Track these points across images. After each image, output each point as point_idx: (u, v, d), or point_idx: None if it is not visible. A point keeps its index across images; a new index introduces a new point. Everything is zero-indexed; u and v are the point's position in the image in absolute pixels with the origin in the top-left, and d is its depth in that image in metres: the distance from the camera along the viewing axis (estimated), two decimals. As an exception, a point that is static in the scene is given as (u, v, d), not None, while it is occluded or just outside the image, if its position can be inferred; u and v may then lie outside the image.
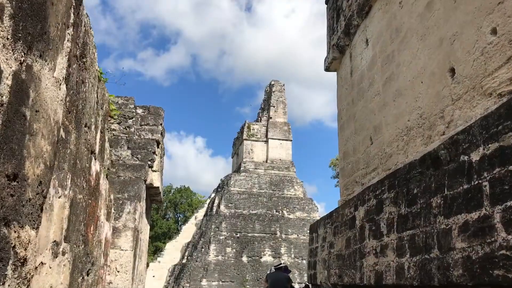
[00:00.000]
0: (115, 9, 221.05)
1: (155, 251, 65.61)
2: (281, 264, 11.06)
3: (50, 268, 3.26)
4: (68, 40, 2.67)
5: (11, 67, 1.79)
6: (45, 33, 2.14)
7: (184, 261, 48.09)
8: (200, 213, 54.28)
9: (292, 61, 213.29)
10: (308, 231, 10.22)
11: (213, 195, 55.49)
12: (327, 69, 11.66)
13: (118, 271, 6.45)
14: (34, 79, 2.04)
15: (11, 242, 1.87)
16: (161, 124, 8.84)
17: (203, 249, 46.01)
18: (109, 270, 6.39)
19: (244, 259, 45.92)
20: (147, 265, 52.92)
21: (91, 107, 4.26)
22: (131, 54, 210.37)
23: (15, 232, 1.90)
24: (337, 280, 8.08)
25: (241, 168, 53.59)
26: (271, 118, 55.12)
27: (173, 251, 51.46)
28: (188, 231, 52.95)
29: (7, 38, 1.75)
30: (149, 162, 8.37)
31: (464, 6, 5.32)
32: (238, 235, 47.33)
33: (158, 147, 8.76)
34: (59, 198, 3.30)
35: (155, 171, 8.62)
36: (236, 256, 45.82)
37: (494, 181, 3.60)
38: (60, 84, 2.50)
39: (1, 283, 1.82)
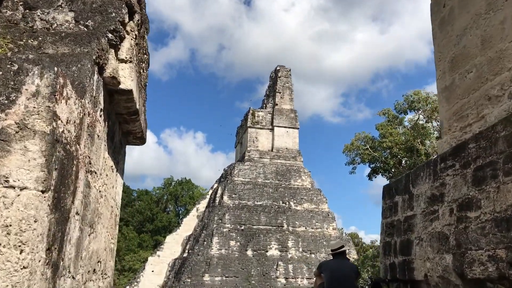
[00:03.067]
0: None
1: (155, 245, 61.33)
2: (342, 247, 6.76)
3: None
4: None
5: None
6: None
7: (185, 255, 43.76)
8: (202, 205, 49.91)
9: (291, 55, 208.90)
10: (382, 197, 5.62)
11: (215, 185, 51.11)
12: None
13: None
14: None
15: None
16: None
17: (205, 242, 41.68)
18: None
19: (249, 253, 41.60)
20: (146, 260, 48.99)
21: None
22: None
23: None
24: (495, 270, 3.76)
25: (245, 157, 49.23)
26: (276, 104, 50.72)
27: (173, 245, 47.10)
28: (189, 224, 48.59)
29: None
30: (109, 35, 4.03)
31: None
32: (242, 228, 43.00)
33: (131, 19, 4.42)
34: None
35: (125, 61, 4.25)
36: (241, 250, 41.50)
37: None
38: None
39: None
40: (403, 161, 32.88)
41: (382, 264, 6.45)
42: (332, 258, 6.76)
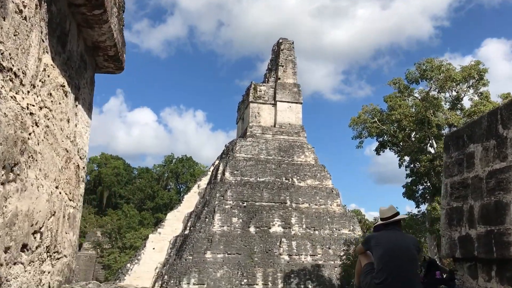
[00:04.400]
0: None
1: (156, 222, 60.16)
2: (397, 214, 5.03)
3: None
4: None
5: None
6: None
7: (186, 232, 42.41)
8: (203, 181, 48.34)
9: (291, 32, 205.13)
10: (444, 149, 3.68)
11: (217, 162, 49.46)
12: None
13: None
14: None
15: None
16: None
17: (207, 219, 40.26)
18: None
19: (252, 229, 40.22)
20: (147, 237, 47.61)
21: None
22: (126, 25, 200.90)
23: None
24: None
25: (247, 133, 47.43)
26: (279, 78, 48.65)
27: (174, 222, 45.71)
28: (190, 201, 47.10)
29: None
30: None
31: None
32: (244, 204, 41.52)
33: None
34: None
35: None
36: (243, 227, 40.11)
37: None
38: None
39: None
40: (413, 134, 31.15)
41: (446, 237, 4.74)
42: (381, 229, 5.05)
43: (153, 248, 43.76)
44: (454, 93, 29.28)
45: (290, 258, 39.21)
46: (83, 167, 3.64)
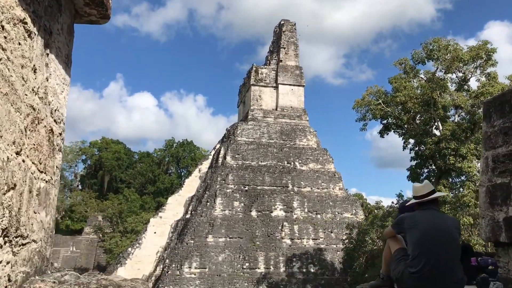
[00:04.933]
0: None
1: (157, 207, 59.81)
2: (434, 191, 4.28)
3: None
4: None
5: None
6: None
7: (187, 216, 41.98)
8: (204, 165, 47.74)
9: (292, 15, 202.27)
10: (483, 118, 2.88)
11: (218, 146, 48.81)
12: None
13: None
14: None
15: None
16: None
17: (208, 203, 39.78)
18: None
19: (253, 213, 39.76)
20: (148, 221, 47.22)
21: None
22: (125, 8, 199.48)
23: None
24: None
25: (249, 117, 46.66)
26: (281, 61, 47.66)
27: (175, 206, 45.24)
28: (191, 185, 46.57)
29: None
30: None
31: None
32: (246, 188, 40.99)
33: None
34: None
35: None
36: (245, 211, 39.64)
37: None
38: None
39: None
40: (418, 116, 30.40)
41: (488, 219, 4.07)
42: (420, 209, 4.27)
43: (154, 232, 43.39)
44: (461, 74, 28.45)
45: (292, 242, 38.82)
46: (60, 134, 2.95)
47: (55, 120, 2.84)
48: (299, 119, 47.10)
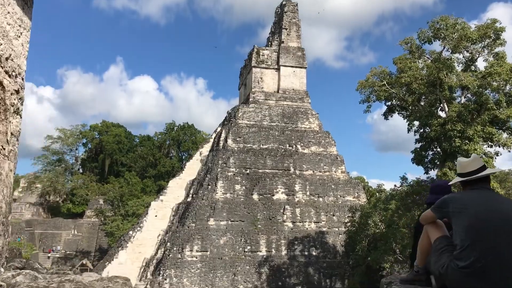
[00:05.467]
0: None
1: (158, 190, 59.49)
2: (484, 167, 3.56)
3: None
4: None
5: None
6: None
7: (189, 199, 41.59)
8: (206, 149, 47.19)
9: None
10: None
11: (219, 129, 48.18)
12: None
13: None
14: None
15: None
16: None
17: (209, 187, 39.33)
18: None
19: (255, 197, 39.35)
20: (149, 205, 46.89)
21: None
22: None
23: None
24: None
25: (250, 99, 45.92)
26: (283, 42, 46.67)
27: (176, 189, 44.82)
28: (192, 168, 46.08)
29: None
30: None
31: None
32: (247, 172, 40.49)
33: None
34: None
35: None
36: (246, 194, 39.23)
37: None
38: None
39: None
40: (422, 98, 29.63)
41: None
42: (471, 188, 3.60)
43: (156, 216, 43.06)
44: (468, 54, 27.58)
45: (293, 225, 38.48)
46: (16, 92, 2.29)
47: (7, 72, 2.18)
48: (301, 102, 46.35)
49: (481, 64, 27.79)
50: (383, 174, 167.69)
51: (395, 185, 34.75)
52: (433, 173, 28.01)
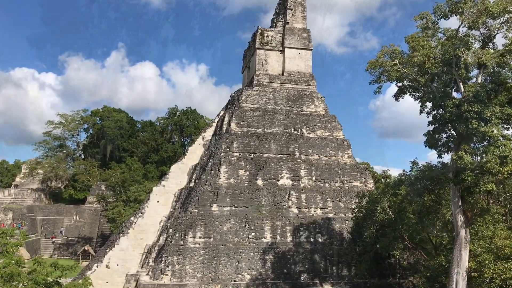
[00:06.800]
0: None
1: (160, 175, 58.32)
2: None
3: None
4: None
5: None
6: None
7: (191, 184, 40.33)
8: (208, 133, 45.82)
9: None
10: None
11: (222, 112, 46.73)
12: None
13: None
14: None
15: None
16: None
17: (212, 172, 38.02)
18: None
19: (259, 182, 38.06)
20: (151, 190, 45.72)
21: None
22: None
23: None
24: None
25: (254, 82, 44.35)
26: (287, 23, 44.91)
27: (179, 174, 43.58)
28: (195, 153, 44.77)
29: None
30: None
31: None
32: (251, 156, 39.14)
33: None
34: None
35: None
36: (250, 179, 37.93)
37: None
38: None
39: None
40: (436, 78, 28.01)
41: None
42: None
43: (157, 201, 41.91)
44: (485, 31, 25.90)
45: (299, 211, 37.23)
46: None
47: None
48: (307, 85, 44.77)
49: (499, 42, 26.08)
50: (386, 160, 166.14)
51: (403, 170, 33.38)
52: (447, 157, 26.53)
